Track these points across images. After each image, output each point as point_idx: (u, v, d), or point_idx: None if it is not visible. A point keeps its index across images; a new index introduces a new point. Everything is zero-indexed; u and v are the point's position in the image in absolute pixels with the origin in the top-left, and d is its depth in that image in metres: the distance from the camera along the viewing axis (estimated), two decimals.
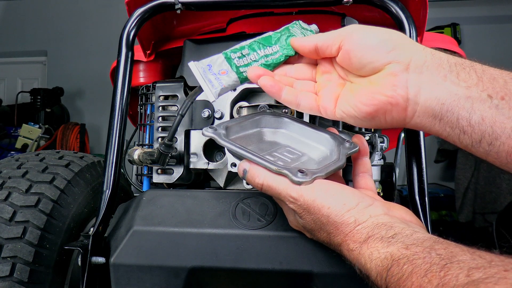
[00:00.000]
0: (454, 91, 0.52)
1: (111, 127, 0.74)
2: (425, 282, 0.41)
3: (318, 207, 0.53)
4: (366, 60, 0.56)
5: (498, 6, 4.09)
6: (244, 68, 0.64)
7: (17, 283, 0.67)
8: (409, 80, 0.53)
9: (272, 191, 0.56)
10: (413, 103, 0.54)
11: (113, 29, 3.11)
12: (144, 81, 1.04)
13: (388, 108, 0.55)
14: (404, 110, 0.54)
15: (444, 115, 0.53)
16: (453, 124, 0.52)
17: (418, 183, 0.70)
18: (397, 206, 0.56)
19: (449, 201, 3.34)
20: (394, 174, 1.21)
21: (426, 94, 0.53)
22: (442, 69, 0.53)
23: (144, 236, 0.67)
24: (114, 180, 0.72)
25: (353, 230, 0.51)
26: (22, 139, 3.98)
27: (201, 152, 0.85)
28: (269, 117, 0.68)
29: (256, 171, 0.57)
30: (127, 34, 0.76)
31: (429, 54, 0.54)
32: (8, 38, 5.22)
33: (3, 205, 0.72)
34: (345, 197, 0.54)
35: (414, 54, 0.54)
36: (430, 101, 0.53)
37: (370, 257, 0.48)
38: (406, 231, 0.48)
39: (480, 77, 0.52)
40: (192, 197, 0.72)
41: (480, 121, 0.51)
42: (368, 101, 0.55)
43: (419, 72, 0.53)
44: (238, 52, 0.65)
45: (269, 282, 0.66)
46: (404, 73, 0.54)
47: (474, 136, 0.52)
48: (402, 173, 3.18)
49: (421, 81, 0.53)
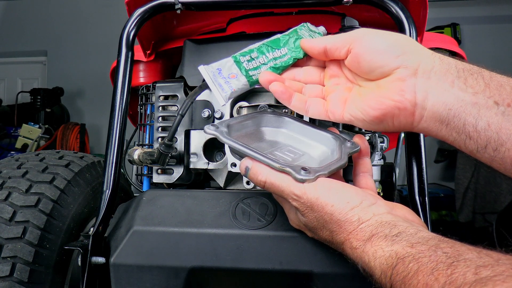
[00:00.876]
0: (461, 97, 0.52)
1: (111, 127, 0.74)
2: (431, 280, 0.40)
3: (322, 205, 0.53)
4: (375, 64, 0.56)
5: (498, 6, 4.09)
6: (253, 72, 0.65)
7: (17, 283, 0.67)
8: (417, 85, 0.54)
9: (274, 189, 0.56)
10: (421, 108, 0.54)
11: (113, 29, 3.11)
12: (144, 81, 1.04)
13: (396, 113, 0.55)
14: (411, 115, 0.55)
15: (451, 121, 0.53)
16: (460, 129, 0.53)
17: (418, 183, 0.70)
18: (399, 205, 0.56)
19: (449, 201, 3.34)
20: (394, 174, 1.21)
21: (434, 99, 0.54)
22: (450, 74, 0.54)
23: (144, 236, 0.67)
24: (114, 180, 0.72)
25: (356, 228, 0.51)
26: (22, 139, 3.98)
27: (201, 152, 0.85)
28: (270, 116, 0.68)
29: (258, 168, 0.57)
30: (127, 34, 0.76)
31: (437, 59, 0.55)
32: (8, 38, 5.22)
33: (3, 205, 0.72)
34: (348, 195, 0.54)
35: (423, 59, 0.55)
36: (438, 106, 0.53)
37: (374, 255, 0.48)
38: (410, 230, 0.48)
39: (488, 83, 0.52)
40: (192, 197, 0.72)
41: (486, 127, 0.51)
42: (376, 105, 0.56)
43: (427, 78, 0.54)
44: (247, 56, 0.65)
45: (269, 282, 0.66)
46: (412, 78, 0.54)
47: (480, 142, 0.52)
48: (402, 173, 3.18)
49: (429, 86, 0.54)
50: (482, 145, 0.52)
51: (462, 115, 0.52)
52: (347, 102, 0.60)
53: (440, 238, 0.46)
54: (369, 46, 0.57)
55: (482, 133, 0.52)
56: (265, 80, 0.63)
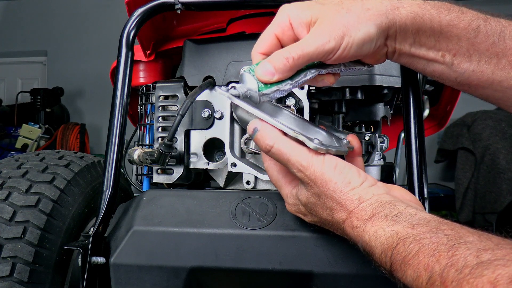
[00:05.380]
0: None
1: (111, 127, 0.74)
2: (432, 262, 0.41)
3: (326, 180, 0.53)
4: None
5: (498, 6, 4.09)
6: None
7: (17, 283, 0.67)
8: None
9: (280, 156, 0.56)
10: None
11: (113, 29, 3.11)
12: (144, 81, 1.03)
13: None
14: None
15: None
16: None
17: (418, 183, 0.70)
18: (396, 186, 0.57)
19: (449, 201, 3.34)
20: (394, 174, 1.21)
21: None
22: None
23: (144, 236, 0.67)
24: (114, 180, 0.72)
25: (357, 207, 0.52)
26: (22, 139, 3.98)
27: (201, 152, 0.85)
28: (269, 105, 0.68)
29: (268, 131, 0.56)
30: (127, 34, 0.76)
31: None
32: (8, 38, 5.22)
33: (3, 205, 0.72)
34: (351, 175, 0.54)
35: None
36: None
37: (375, 235, 0.49)
38: (409, 211, 0.49)
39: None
40: (192, 197, 0.72)
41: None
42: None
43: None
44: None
45: (269, 282, 0.66)
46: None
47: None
48: (402, 173, 3.18)
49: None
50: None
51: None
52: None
53: (440, 219, 0.47)
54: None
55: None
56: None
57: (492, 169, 2.87)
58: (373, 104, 0.91)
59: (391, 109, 1.00)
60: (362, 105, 0.90)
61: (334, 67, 0.61)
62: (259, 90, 0.59)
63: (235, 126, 0.83)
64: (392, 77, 0.83)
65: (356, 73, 0.81)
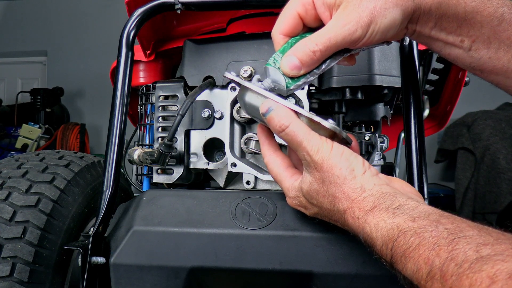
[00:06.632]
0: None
1: (111, 127, 0.74)
2: (433, 255, 0.41)
3: (331, 166, 0.54)
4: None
5: None
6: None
7: (17, 283, 0.67)
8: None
9: (293, 138, 0.56)
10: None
11: (113, 29, 3.11)
12: (144, 81, 1.03)
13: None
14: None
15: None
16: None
17: (418, 183, 0.70)
18: (396, 179, 0.57)
19: (449, 201, 3.34)
20: (394, 174, 1.21)
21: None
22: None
23: (144, 236, 0.67)
24: (114, 180, 0.72)
25: (359, 197, 0.52)
26: (22, 139, 3.98)
27: (201, 152, 0.85)
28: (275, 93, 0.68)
29: (283, 112, 0.56)
30: (127, 34, 0.76)
31: None
32: (8, 38, 5.22)
33: (3, 205, 0.72)
34: (356, 163, 0.55)
35: None
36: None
37: (376, 227, 0.49)
38: (410, 203, 0.49)
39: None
40: (192, 197, 0.72)
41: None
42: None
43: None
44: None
45: (269, 282, 0.66)
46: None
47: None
48: (402, 173, 3.18)
49: None
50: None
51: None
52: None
53: (440, 212, 0.47)
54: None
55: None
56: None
57: (492, 169, 2.87)
58: (373, 104, 0.91)
59: (391, 109, 1.00)
60: (362, 105, 0.90)
61: (356, 50, 0.60)
62: (287, 87, 0.58)
63: (235, 126, 0.83)
64: (392, 77, 0.83)
65: (356, 73, 0.81)
